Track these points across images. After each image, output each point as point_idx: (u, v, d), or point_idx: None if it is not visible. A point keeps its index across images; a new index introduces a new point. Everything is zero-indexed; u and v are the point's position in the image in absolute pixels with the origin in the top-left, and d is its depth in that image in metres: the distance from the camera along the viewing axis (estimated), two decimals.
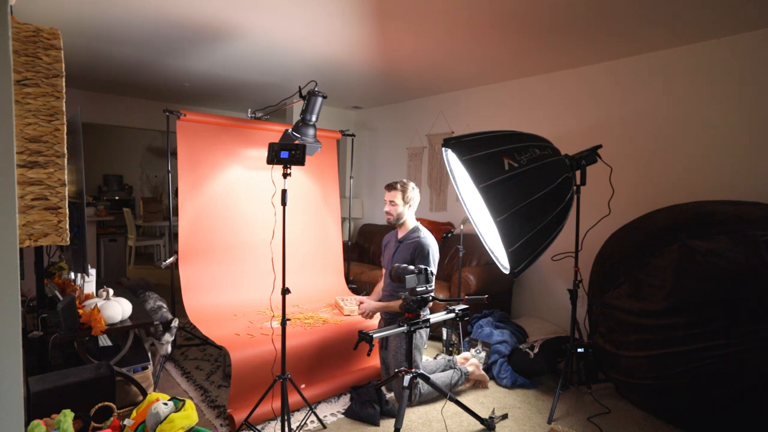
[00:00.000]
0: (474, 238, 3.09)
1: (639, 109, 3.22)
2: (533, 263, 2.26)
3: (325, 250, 3.96)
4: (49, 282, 2.93)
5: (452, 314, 2.40)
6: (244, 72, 3.93)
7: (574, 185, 2.40)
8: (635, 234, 2.62)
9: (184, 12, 2.64)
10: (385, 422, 2.45)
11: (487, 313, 3.45)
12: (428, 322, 2.37)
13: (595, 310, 2.68)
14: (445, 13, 2.54)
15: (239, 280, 3.38)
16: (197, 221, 3.26)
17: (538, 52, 3.21)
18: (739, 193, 2.72)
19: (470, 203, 2.50)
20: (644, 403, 2.54)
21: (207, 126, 3.38)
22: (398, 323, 2.30)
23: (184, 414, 1.70)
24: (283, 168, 2.17)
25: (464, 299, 2.39)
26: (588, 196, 2.86)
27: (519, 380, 2.91)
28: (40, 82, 1.33)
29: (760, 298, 2.04)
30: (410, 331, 2.29)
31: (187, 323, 3.50)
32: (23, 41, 1.31)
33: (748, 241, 2.13)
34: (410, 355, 2.38)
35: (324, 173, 3.99)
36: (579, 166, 2.46)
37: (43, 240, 1.33)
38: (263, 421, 2.40)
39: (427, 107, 4.83)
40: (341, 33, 2.92)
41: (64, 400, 1.79)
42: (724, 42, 2.82)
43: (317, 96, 3.04)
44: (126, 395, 2.15)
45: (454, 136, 2.32)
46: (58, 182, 1.35)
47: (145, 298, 3.00)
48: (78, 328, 2.26)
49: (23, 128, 1.30)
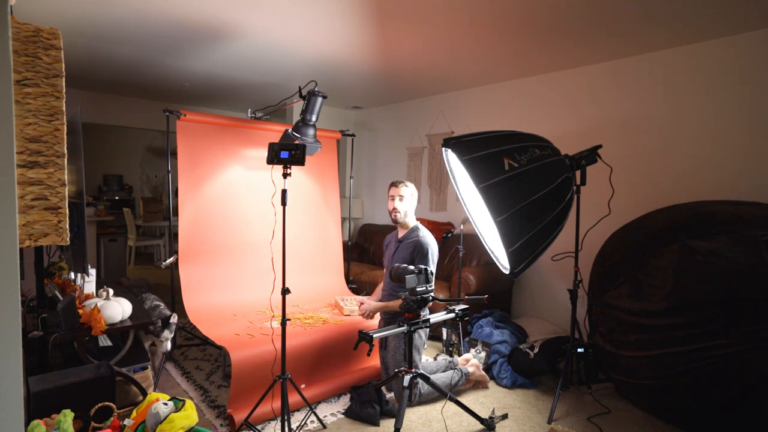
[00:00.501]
0: (474, 238, 3.09)
1: (639, 109, 3.22)
2: (533, 263, 2.26)
3: (325, 250, 3.96)
4: (49, 282, 2.93)
5: (452, 314, 2.40)
6: (244, 72, 3.93)
7: (574, 185, 2.40)
8: (635, 234, 2.61)
9: (184, 12, 2.64)
10: (385, 422, 2.45)
11: (487, 313, 3.45)
12: (428, 322, 2.37)
13: (595, 310, 2.68)
14: (446, 13, 2.54)
15: (239, 280, 3.38)
16: (197, 221, 3.26)
17: (538, 52, 3.21)
18: (739, 193, 2.72)
19: (470, 203, 2.50)
20: (644, 403, 2.54)
21: (207, 126, 3.38)
22: (398, 323, 2.30)
23: (184, 414, 1.70)
24: (283, 168, 2.17)
25: (464, 299, 2.39)
26: (588, 196, 2.86)
27: (519, 380, 2.91)
28: (40, 82, 1.33)
29: (760, 298, 2.04)
30: (410, 331, 2.29)
31: (187, 323, 3.49)
32: (23, 41, 1.31)
33: (748, 241, 2.13)
34: (410, 355, 2.38)
35: (324, 173, 3.99)
36: (579, 166, 2.46)
37: (43, 240, 1.33)
38: (263, 421, 2.40)
39: (427, 107, 4.83)
40: (341, 33, 2.92)
41: (64, 400, 1.79)
42: (724, 42, 2.82)
43: (317, 96, 3.04)
44: (126, 395, 2.15)
45: (454, 136, 2.32)
46: (58, 182, 1.35)
47: (143, 299, 3.00)
48: (78, 328, 2.26)
49: (23, 128, 1.30)
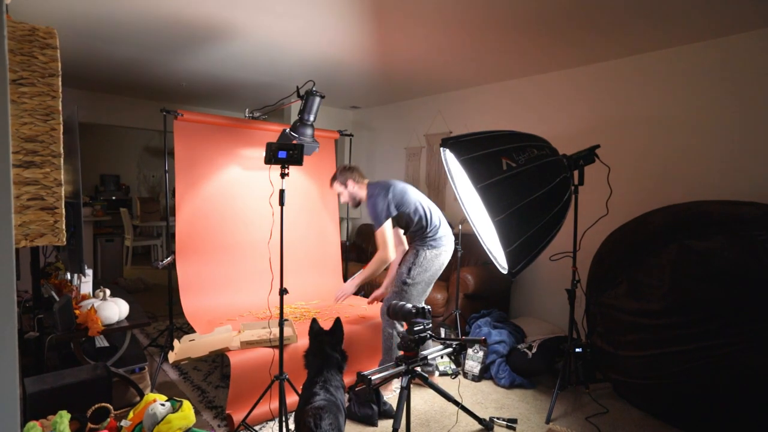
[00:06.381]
0: (472, 238, 3.08)
1: (637, 109, 3.23)
2: (531, 263, 2.26)
3: (323, 251, 3.96)
4: (46, 282, 2.91)
5: (449, 348, 2.30)
6: (242, 71, 3.92)
7: (572, 185, 2.40)
8: (633, 234, 2.62)
9: (181, 10, 2.63)
10: (383, 422, 2.45)
11: (485, 313, 3.45)
12: (426, 359, 2.26)
13: (593, 310, 2.68)
14: (444, 13, 2.54)
15: (237, 280, 3.38)
16: (194, 221, 3.25)
17: (537, 52, 3.22)
18: (736, 193, 2.73)
19: (468, 203, 2.50)
20: (642, 402, 2.55)
21: (204, 126, 3.37)
22: (396, 363, 2.21)
23: (181, 415, 1.69)
24: (280, 168, 2.16)
25: (462, 340, 2.34)
26: (586, 196, 2.87)
27: (517, 380, 2.91)
28: (36, 82, 1.32)
29: (757, 298, 2.05)
30: (409, 370, 2.19)
31: (185, 323, 3.48)
32: (19, 40, 1.30)
33: (745, 241, 2.13)
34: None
35: (322, 173, 3.98)
36: (577, 166, 2.46)
37: (40, 240, 1.32)
38: (261, 422, 2.40)
39: (425, 107, 4.83)
40: (339, 32, 2.92)
41: (61, 401, 1.78)
42: (722, 42, 2.83)
43: (315, 96, 3.04)
44: (123, 396, 2.14)
45: (453, 136, 2.32)
46: (55, 182, 1.34)
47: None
48: (74, 329, 2.25)
49: (19, 128, 1.29)
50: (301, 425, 1.73)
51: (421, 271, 2.69)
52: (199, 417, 2.42)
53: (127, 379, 2.16)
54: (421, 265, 2.69)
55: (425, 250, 2.70)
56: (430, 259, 2.69)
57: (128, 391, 2.18)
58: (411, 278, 2.69)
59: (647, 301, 2.31)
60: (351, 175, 2.86)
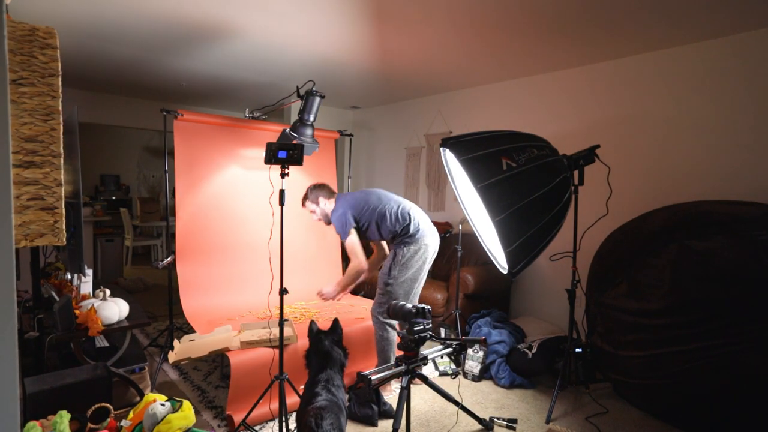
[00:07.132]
0: (472, 238, 3.08)
1: (637, 109, 3.23)
2: (531, 263, 2.26)
3: (323, 251, 3.96)
4: (46, 282, 2.91)
5: (449, 348, 2.30)
6: (242, 71, 3.92)
7: (572, 185, 2.40)
8: (633, 234, 2.62)
9: (181, 10, 2.63)
10: (383, 423, 2.45)
11: (485, 313, 3.45)
12: (425, 359, 2.26)
13: (593, 310, 2.68)
14: (444, 12, 2.54)
15: (237, 280, 3.38)
16: (194, 221, 3.25)
17: (536, 52, 3.22)
18: (736, 193, 2.73)
19: (468, 203, 2.50)
20: (642, 402, 2.55)
21: (204, 126, 3.37)
22: (396, 363, 2.21)
23: (181, 415, 1.69)
24: (281, 168, 2.16)
25: (462, 340, 2.35)
26: (586, 196, 2.87)
27: (517, 380, 2.91)
28: (36, 82, 1.32)
29: (757, 298, 2.04)
30: (409, 370, 2.19)
31: (185, 323, 3.48)
32: (19, 40, 1.30)
33: (746, 240, 2.13)
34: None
35: (322, 173, 3.99)
36: (577, 166, 2.46)
37: (40, 240, 1.32)
38: (261, 422, 2.39)
39: (425, 107, 4.83)
40: (339, 32, 2.92)
41: (61, 401, 1.78)
42: (724, 42, 2.83)
43: (315, 96, 3.04)
44: (123, 396, 2.14)
45: (453, 136, 2.32)
46: (55, 182, 1.34)
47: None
48: (74, 329, 2.25)
49: (19, 128, 1.29)
50: (303, 425, 1.73)
51: (401, 269, 2.68)
52: (199, 417, 2.42)
53: (127, 379, 2.15)
54: (400, 263, 2.68)
55: (402, 248, 2.69)
56: (409, 256, 2.68)
57: (128, 391, 2.18)
58: (392, 278, 2.68)
59: (647, 301, 2.31)
60: (321, 192, 2.85)
